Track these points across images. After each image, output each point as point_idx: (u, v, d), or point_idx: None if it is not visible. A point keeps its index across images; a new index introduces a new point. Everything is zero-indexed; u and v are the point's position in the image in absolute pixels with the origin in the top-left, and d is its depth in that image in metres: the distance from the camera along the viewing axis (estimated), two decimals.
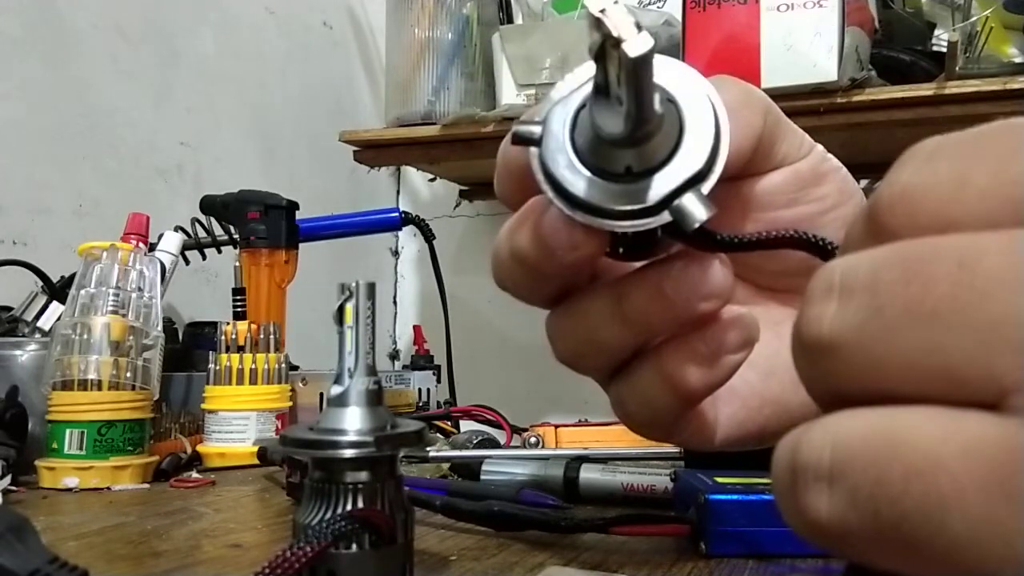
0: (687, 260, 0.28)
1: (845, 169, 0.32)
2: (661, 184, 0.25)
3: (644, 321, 0.28)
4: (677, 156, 0.25)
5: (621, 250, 0.29)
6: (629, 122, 0.23)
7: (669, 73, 0.25)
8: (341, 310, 0.29)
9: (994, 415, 0.15)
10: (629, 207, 0.25)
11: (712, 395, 0.30)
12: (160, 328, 0.70)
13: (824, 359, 0.18)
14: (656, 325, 0.28)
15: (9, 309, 0.81)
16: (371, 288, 0.29)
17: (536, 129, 0.26)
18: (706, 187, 0.25)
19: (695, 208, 0.25)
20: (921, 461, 0.15)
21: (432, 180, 1.65)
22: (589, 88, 0.25)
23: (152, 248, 0.85)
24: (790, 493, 0.17)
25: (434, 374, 1.05)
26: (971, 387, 0.15)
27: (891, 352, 0.16)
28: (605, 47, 0.22)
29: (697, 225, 0.25)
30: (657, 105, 0.24)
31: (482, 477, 0.58)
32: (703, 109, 0.25)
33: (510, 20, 1.39)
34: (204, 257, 1.01)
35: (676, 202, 0.25)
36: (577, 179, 0.25)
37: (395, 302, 1.73)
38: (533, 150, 0.26)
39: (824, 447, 0.17)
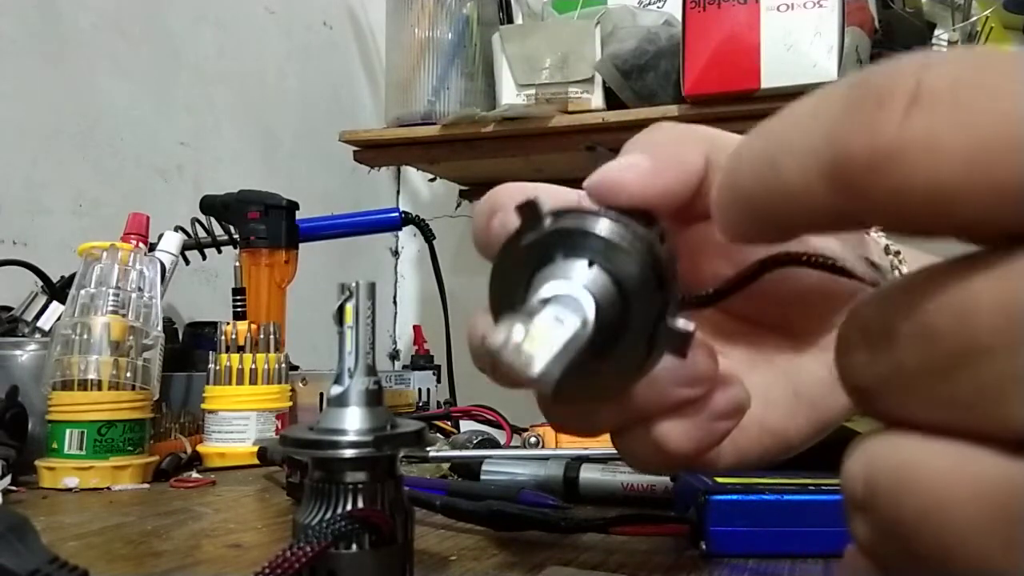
0: None
1: None
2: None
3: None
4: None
5: None
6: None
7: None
8: (341, 310, 0.29)
9: (1007, 458, 0.15)
10: (504, 293, 0.24)
11: None
12: (160, 328, 0.70)
13: (863, 404, 0.18)
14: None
15: (9, 309, 0.81)
16: (371, 288, 0.29)
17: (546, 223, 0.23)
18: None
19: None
20: (931, 502, 0.16)
21: (432, 180, 1.65)
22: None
23: (152, 248, 0.85)
24: (846, 515, 0.18)
25: (434, 374, 1.05)
26: (988, 431, 0.15)
27: (915, 403, 0.17)
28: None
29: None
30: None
31: (482, 477, 0.58)
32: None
33: (510, 20, 1.39)
34: (204, 257, 1.00)
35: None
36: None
37: (395, 302, 1.73)
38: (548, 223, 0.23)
39: (858, 479, 0.17)
